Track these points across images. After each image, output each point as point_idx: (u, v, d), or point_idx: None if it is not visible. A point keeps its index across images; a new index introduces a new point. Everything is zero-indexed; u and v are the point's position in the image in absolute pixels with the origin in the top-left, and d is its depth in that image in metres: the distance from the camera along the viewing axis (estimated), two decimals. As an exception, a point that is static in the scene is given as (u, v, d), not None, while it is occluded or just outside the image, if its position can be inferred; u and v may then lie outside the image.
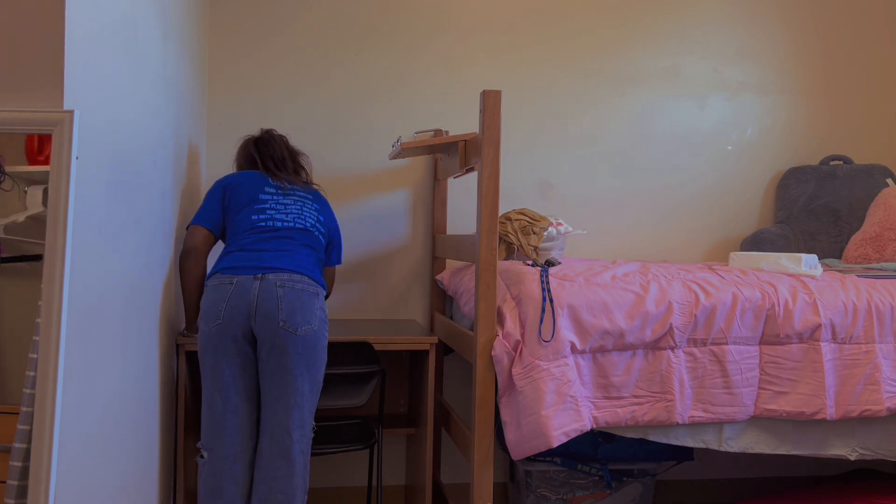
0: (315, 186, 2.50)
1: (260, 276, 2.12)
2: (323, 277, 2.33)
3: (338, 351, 2.39)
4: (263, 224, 2.27)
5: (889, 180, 3.25)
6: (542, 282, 2.21)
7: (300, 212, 2.35)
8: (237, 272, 2.14)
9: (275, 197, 2.35)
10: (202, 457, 2.12)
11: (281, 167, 2.45)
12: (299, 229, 2.30)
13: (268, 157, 2.46)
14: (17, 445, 1.30)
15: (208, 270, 2.29)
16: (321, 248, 2.37)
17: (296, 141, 3.03)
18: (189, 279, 2.29)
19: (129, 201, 1.80)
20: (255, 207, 2.31)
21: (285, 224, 2.29)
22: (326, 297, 2.45)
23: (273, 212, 2.31)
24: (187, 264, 2.29)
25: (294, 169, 2.48)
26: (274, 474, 2.07)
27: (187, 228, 2.33)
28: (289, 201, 2.36)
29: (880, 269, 2.72)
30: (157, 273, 2.13)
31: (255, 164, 2.47)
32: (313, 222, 2.36)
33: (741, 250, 3.26)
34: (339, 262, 2.55)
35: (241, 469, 2.10)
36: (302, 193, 2.41)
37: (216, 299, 2.11)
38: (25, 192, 1.46)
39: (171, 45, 2.27)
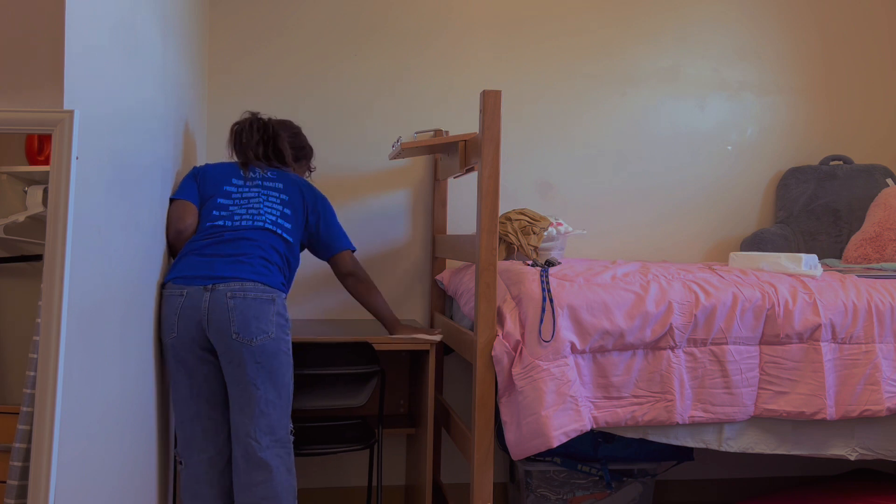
0: (291, 170, 2.39)
1: (210, 286, 2.04)
2: (285, 277, 2.22)
3: (337, 351, 2.39)
4: (220, 224, 2.19)
5: (889, 180, 3.25)
6: (542, 282, 2.21)
7: (260, 208, 2.23)
8: (188, 282, 2.06)
9: (240, 189, 2.26)
10: (181, 463, 2.13)
11: (255, 156, 2.34)
12: (258, 228, 2.19)
13: (241, 149, 2.36)
14: (17, 445, 1.30)
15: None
16: (287, 245, 2.23)
17: (296, 141, 3.02)
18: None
19: (129, 201, 1.80)
20: (218, 202, 2.23)
21: (243, 223, 2.19)
22: (353, 273, 2.37)
23: (235, 207, 2.22)
24: (181, 245, 2.21)
25: (268, 154, 2.36)
26: (252, 480, 2.05)
27: (172, 201, 2.23)
28: (252, 194, 2.25)
29: (880, 269, 2.72)
30: (154, 273, 2.12)
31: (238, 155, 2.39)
32: (275, 218, 2.24)
33: (741, 250, 3.26)
34: (345, 247, 2.39)
35: (216, 475, 2.10)
36: (270, 184, 2.30)
37: (169, 312, 2.06)
38: (25, 192, 1.46)
39: (171, 45, 2.27)
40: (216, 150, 2.97)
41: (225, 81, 2.99)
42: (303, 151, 2.54)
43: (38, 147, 1.44)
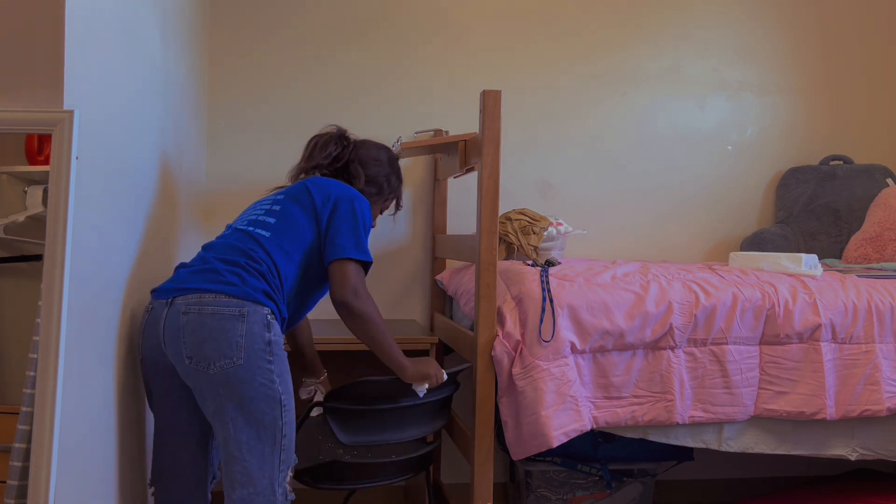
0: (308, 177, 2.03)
1: (170, 300, 1.70)
2: (271, 285, 1.76)
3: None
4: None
5: (889, 180, 3.25)
6: (542, 282, 2.21)
7: (247, 216, 1.92)
8: (156, 295, 1.76)
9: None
10: (152, 487, 1.85)
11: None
12: (230, 234, 1.85)
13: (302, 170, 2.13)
14: (17, 445, 1.30)
15: None
16: (265, 242, 1.80)
17: (296, 140, 3.00)
18: None
19: (129, 201, 1.80)
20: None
21: (226, 234, 1.88)
22: (342, 302, 1.81)
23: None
24: None
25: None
26: None
27: None
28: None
29: (880, 269, 2.71)
30: (153, 273, 2.12)
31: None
32: (255, 217, 1.87)
33: (741, 250, 3.26)
34: (339, 254, 1.82)
35: None
36: (274, 194, 1.99)
37: (138, 331, 1.79)
38: (25, 192, 1.46)
39: (171, 44, 2.27)
40: (216, 150, 2.97)
41: (225, 81, 2.99)
42: (371, 186, 2.15)
43: (38, 147, 1.44)
